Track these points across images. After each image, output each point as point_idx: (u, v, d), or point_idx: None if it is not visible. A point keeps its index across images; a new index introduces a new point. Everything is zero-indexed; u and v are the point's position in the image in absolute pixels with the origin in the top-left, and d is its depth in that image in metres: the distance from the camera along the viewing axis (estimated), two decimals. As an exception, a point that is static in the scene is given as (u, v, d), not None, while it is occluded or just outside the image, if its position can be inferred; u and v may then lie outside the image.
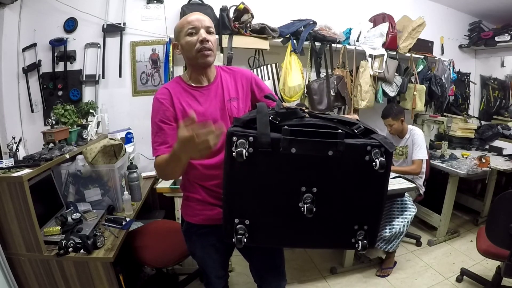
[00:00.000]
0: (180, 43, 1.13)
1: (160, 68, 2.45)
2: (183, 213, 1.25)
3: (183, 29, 1.10)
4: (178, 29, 1.13)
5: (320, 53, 2.48)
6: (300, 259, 2.43)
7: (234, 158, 0.81)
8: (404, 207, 2.15)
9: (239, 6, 2.19)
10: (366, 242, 0.90)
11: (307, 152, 0.80)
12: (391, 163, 0.85)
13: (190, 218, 1.21)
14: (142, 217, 2.12)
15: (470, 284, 2.05)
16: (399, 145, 2.51)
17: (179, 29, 1.12)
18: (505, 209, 1.56)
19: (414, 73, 2.76)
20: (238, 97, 1.19)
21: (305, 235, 0.92)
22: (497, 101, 3.45)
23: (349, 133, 0.84)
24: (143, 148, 2.48)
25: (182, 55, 1.16)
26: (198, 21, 1.09)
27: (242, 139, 0.81)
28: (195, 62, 1.12)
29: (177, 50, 1.16)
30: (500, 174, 2.69)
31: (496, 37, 3.10)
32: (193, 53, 1.09)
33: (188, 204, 1.22)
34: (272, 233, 0.93)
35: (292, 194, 0.85)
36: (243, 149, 0.80)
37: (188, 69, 1.20)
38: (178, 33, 1.13)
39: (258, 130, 0.81)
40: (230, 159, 0.84)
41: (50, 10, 2.23)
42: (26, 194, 1.36)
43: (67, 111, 1.90)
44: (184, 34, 1.10)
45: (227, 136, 0.82)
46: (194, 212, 1.20)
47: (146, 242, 1.74)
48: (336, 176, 0.85)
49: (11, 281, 1.45)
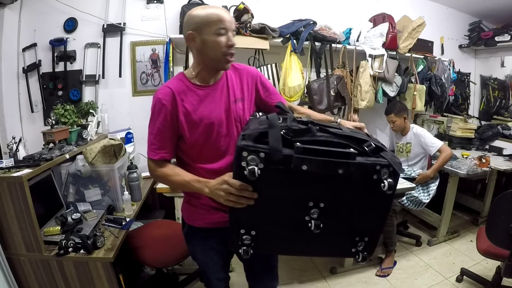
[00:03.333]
0: (203, 37, 1.01)
1: (160, 68, 2.45)
2: (184, 217, 1.23)
3: (212, 25, 1.00)
4: (204, 22, 1.00)
5: (320, 53, 2.48)
6: (300, 259, 2.43)
7: (245, 175, 0.78)
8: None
9: (239, 6, 2.19)
10: (366, 254, 0.92)
11: (318, 170, 0.78)
12: (397, 184, 0.85)
13: (193, 222, 1.19)
14: (142, 217, 2.12)
15: (470, 284, 2.05)
16: (401, 142, 2.51)
17: (207, 23, 1.00)
18: (505, 209, 1.56)
19: (414, 73, 2.76)
20: (243, 97, 1.15)
21: (308, 245, 0.94)
22: (497, 101, 3.46)
23: (360, 151, 0.82)
24: (143, 148, 2.45)
25: (193, 49, 1.06)
26: (230, 22, 1.02)
27: (253, 155, 0.78)
28: (213, 63, 1.06)
29: (192, 43, 1.04)
30: (500, 174, 2.69)
31: (496, 37, 3.11)
32: (218, 55, 1.03)
33: (190, 208, 1.19)
34: (276, 242, 0.95)
35: (300, 208, 0.85)
36: (255, 167, 0.77)
37: (196, 67, 1.10)
38: (204, 27, 1.00)
39: (271, 146, 0.77)
40: (239, 174, 0.82)
41: (50, 10, 2.23)
42: (26, 194, 1.36)
43: (67, 111, 1.90)
44: (213, 32, 1.00)
45: (237, 150, 0.79)
46: (196, 216, 1.17)
47: (146, 242, 1.74)
48: (343, 193, 0.84)
49: (11, 281, 1.45)
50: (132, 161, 2.20)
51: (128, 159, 2.15)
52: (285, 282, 2.15)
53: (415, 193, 2.24)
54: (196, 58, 1.09)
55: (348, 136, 0.86)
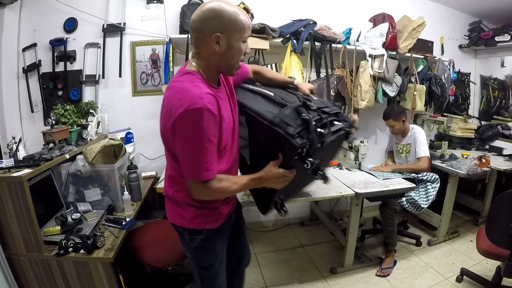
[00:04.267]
0: (230, 42, 0.98)
1: (160, 68, 2.45)
2: (197, 226, 1.15)
3: (242, 33, 0.98)
4: (237, 27, 0.97)
5: (320, 53, 2.48)
6: (300, 259, 2.43)
7: (295, 164, 1.06)
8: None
9: (239, 6, 2.19)
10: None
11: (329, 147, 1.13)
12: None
13: (211, 224, 1.17)
14: (142, 217, 2.12)
15: (470, 284, 2.05)
16: (401, 143, 2.51)
17: (239, 29, 0.97)
18: (505, 209, 1.56)
19: (414, 73, 2.76)
20: (233, 93, 1.17)
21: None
22: (497, 101, 3.45)
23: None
24: (143, 148, 2.48)
25: (210, 50, 0.98)
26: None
27: (306, 150, 1.03)
28: (228, 68, 1.05)
29: (215, 45, 0.97)
30: (500, 174, 2.69)
31: (496, 37, 3.10)
32: (236, 62, 1.03)
33: (207, 213, 1.15)
34: (289, 192, 1.35)
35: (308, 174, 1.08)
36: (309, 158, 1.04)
37: (208, 68, 1.03)
38: (235, 32, 0.97)
39: (315, 140, 1.03)
40: (291, 164, 1.06)
41: (50, 10, 2.23)
42: (26, 194, 1.37)
43: (67, 111, 1.90)
44: (241, 39, 0.99)
45: (296, 148, 1.00)
46: (213, 218, 1.17)
47: (146, 242, 1.74)
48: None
49: (11, 281, 1.45)
50: (132, 161, 2.20)
51: (128, 159, 2.15)
52: (285, 282, 2.15)
53: (414, 196, 2.23)
54: (211, 60, 1.01)
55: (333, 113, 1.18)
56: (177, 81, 1.02)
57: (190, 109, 0.91)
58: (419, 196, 2.26)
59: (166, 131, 1.01)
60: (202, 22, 0.97)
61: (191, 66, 1.04)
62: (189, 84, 0.97)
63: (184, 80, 1.00)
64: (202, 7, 0.98)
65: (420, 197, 2.26)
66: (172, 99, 0.97)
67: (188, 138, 0.95)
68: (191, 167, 0.99)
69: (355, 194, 1.94)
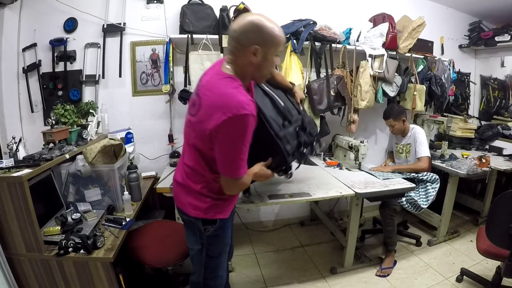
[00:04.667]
0: (267, 55, 1.07)
1: (160, 68, 2.45)
2: (210, 216, 1.23)
3: (278, 47, 1.09)
4: (275, 42, 1.07)
5: (320, 53, 2.48)
6: (300, 259, 2.43)
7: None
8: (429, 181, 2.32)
9: (239, 6, 2.19)
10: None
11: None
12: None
13: (224, 214, 1.27)
14: (142, 217, 2.12)
15: (470, 284, 2.05)
16: (401, 143, 2.51)
17: (276, 44, 1.07)
18: (505, 209, 1.56)
19: (414, 73, 2.76)
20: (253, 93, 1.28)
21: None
22: (497, 101, 3.45)
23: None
24: (143, 148, 2.48)
25: (246, 60, 1.07)
26: None
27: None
28: (259, 78, 1.17)
29: (252, 56, 1.05)
30: (500, 174, 2.69)
31: (496, 37, 3.10)
32: (268, 73, 1.15)
33: (221, 203, 1.25)
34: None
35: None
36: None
37: (243, 77, 1.12)
38: (271, 46, 1.06)
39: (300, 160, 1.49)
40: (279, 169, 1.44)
41: (50, 10, 2.23)
42: (26, 194, 1.36)
43: (67, 111, 1.90)
44: (275, 53, 1.10)
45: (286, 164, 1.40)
46: (226, 208, 1.27)
47: (146, 242, 1.74)
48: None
49: (11, 281, 1.45)
50: (132, 161, 2.20)
51: (128, 159, 2.15)
52: (285, 282, 2.15)
53: (414, 196, 2.23)
54: (246, 69, 1.10)
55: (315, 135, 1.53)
56: (219, 83, 1.06)
57: (238, 114, 0.98)
58: (419, 197, 2.26)
59: (204, 129, 1.06)
60: (242, 34, 1.05)
61: (227, 70, 1.10)
62: (233, 90, 1.03)
63: (227, 84, 1.05)
64: (244, 19, 1.06)
65: (420, 197, 2.26)
66: (216, 102, 1.03)
67: (232, 142, 1.03)
68: (230, 167, 1.09)
69: (355, 194, 1.94)
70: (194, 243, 1.32)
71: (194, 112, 1.12)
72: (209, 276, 1.36)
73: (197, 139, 1.13)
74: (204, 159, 1.15)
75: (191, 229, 1.31)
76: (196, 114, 1.10)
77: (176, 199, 1.32)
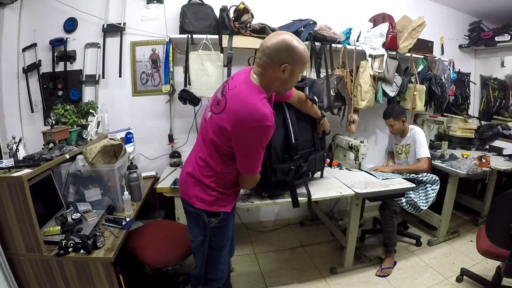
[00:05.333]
0: (293, 73, 1.18)
1: (160, 68, 2.45)
2: (214, 209, 1.31)
3: (303, 66, 1.20)
4: (302, 62, 1.17)
5: (320, 53, 2.48)
6: (300, 259, 2.43)
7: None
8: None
9: (239, 6, 2.19)
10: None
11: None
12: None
13: (227, 208, 1.34)
14: (142, 217, 2.12)
15: (470, 284, 2.05)
16: (401, 144, 2.51)
17: (303, 64, 1.18)
18: (505, 209, 1.56)
19: (414, 73, 2.76)
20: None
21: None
22: (497, 101, 3.45)
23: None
24: (143, 148, 2.48)
25: (274, 75, 1.17)
26: None
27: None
28: (282, 91, 1.28)
29: (280, 72, 1.16)
30: (500, 174, 2.69)
31: (496, 37, 3.10)
32: (290, 86, 1.27)
33: (226, 197, 1.33)
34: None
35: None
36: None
37: (269, 89, 1.22)
38: (299, 65, 1.17)
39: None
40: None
41: (50, 10, 2.23)
42: (26, 194, 1.36)
43: (67, 111, 1.90)
44: (300, 72, 1.21)
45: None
46: (229, 201, 1.36)
47: (146, 242, 1.74)
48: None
49: (11, 281, 1.45)
50: (132, 161, 2.20)
51: (128, 159, 2.15)
52: (285, 282, 2.16)
53: (414, 198, 2.23)
54: (273, 82, 1.20)
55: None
56: (247, 93, 1.16)
57: (261, 125, 1.11)
58: (419, 198, 2.26)
59: (225, 129, 1.16)
60: (275, 52, 1.14)
61: (255, 80, 1.20)
62: (259, 102, 1.13)
63: (255, 95, 1.15)
64: (277, 37, 1.15)
65: (420, 199, 2.26)
66: (243, 110, 1.12)
67: (252, 145, 1.17)
68: (249, 165, 1.25)
69: (355, 194, 1.94)
70: (197, 235, 1.36)
71: (217, 111, 1.20)
72: (211, 269, 1.39)
73: (216, 135, 1.21)
74: (219, 154, 1.24)
75: (195, 220, 1.35)
76: (219, 114, 1.19)
77: (182, 190, 1.38)
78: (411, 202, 2.23)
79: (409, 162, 2.46)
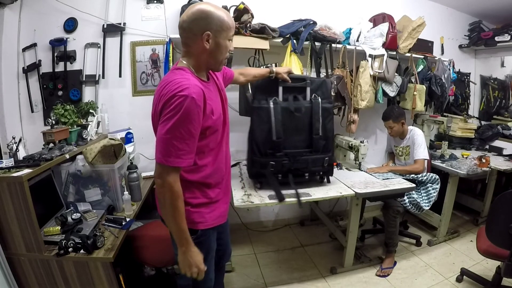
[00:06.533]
0: (218, 41, 1.07)
1: (160, 68, 2.45)
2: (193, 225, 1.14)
3: (229, 31, 1.09)
4: (224, 27, 1.06)
5: (320, 53, 2.48)
6: (300, 259, 2.43)
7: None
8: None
9: (239, 6, 2.19)
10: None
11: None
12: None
13: (206, 224, 1.18)
14: (142, 217, 2.12)
15: (470, 284, 2.05)
16: (400, 145, 2.51)
17: (226, 28, 1.07)
18: (505, 209, 1.56)
19: (414, 73, 2.76)
20: (223, 89, 1.27)
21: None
22: (497, 101, 3.45)
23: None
24: (143, 148, 2.48)
25: (199, 48, 1.07)
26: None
27: None
28: (215, 65, 1.14)
29: (204, 42, 1.05)
30: (500, 174, 2.69)
31: (496, 37, 3.10)
32: (222, 58, 1.13)
33: (198, 211, 1.16)
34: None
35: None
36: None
37: (198, 65, 1.11)
38: (222, 30, 1.06)
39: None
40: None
41: (50, 10, 2.23)
42: (26, 194, 1.37)
43: (67, 111, 1.90)
44: (227, 38, 1.09)
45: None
46: (209, 215, 1.19)
47: (146, 242, 1.74)
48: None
49: (11, 281, 1.45)
50: (132, 161, 2.20)
51: (128, 159, 2.15)
52: (285, 282, 2.15)
53: (417, 198, 2.23)
54: (201, 57, 1.10)
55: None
56: (168, 75, 1.08)
57: (178, 94, 0.97)
58: (421, 198, 2.26)
59: (155, 122, 1.07)
60: (192, 22, 1.05)
61: (182, 64, 1.12)
62: (179, 76, 1.03)
63: (175, 74, 1.06)
64: (191, 9, 1.06)
65: (422, 198, 2.26)
66: (162, 90, 1.03)
67: (168, 120, 0.97)
68: (163, 149, 0.99)
69: (355, 194, 1.94)
70: (177, 249, 1.17)
71: (152, 110, 1.11)
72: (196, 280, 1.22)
73: (156, 132, 1.08)
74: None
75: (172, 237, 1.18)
76: (152, 111, 1.11)
77: (159, 210, 1.21)
78: (414, 202, 2.23)
79: (409, 163, 2.45)
